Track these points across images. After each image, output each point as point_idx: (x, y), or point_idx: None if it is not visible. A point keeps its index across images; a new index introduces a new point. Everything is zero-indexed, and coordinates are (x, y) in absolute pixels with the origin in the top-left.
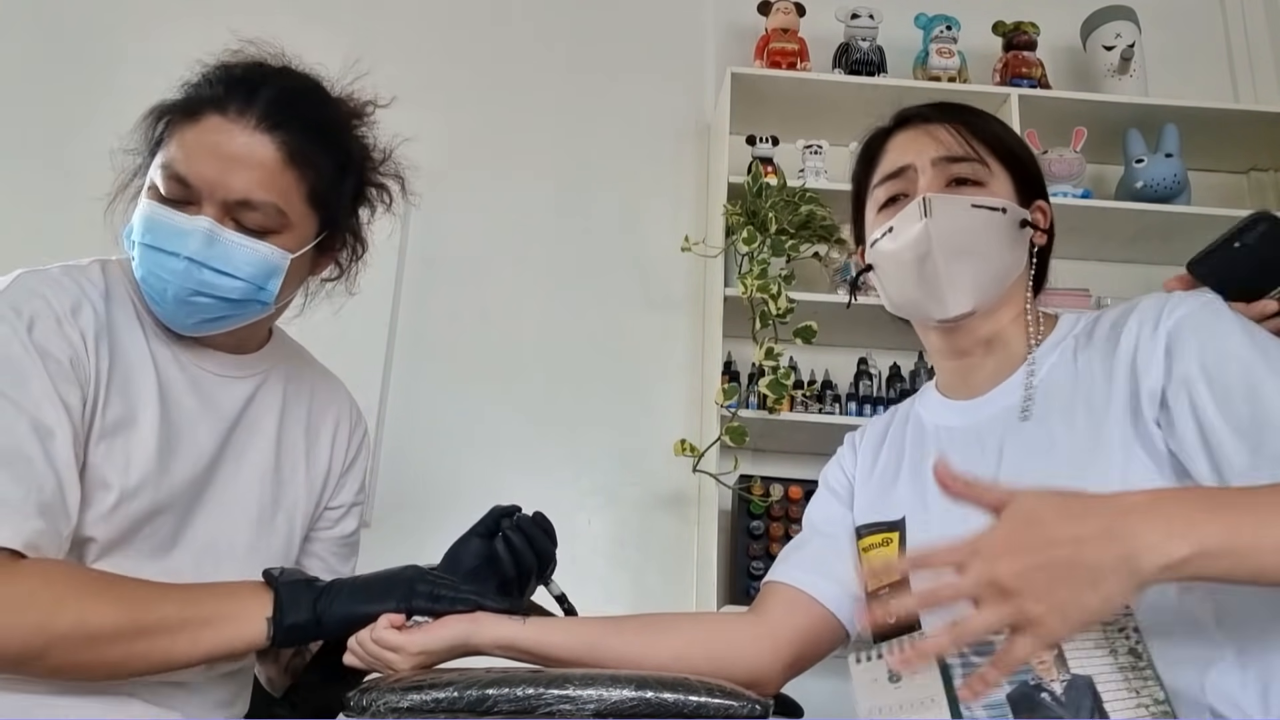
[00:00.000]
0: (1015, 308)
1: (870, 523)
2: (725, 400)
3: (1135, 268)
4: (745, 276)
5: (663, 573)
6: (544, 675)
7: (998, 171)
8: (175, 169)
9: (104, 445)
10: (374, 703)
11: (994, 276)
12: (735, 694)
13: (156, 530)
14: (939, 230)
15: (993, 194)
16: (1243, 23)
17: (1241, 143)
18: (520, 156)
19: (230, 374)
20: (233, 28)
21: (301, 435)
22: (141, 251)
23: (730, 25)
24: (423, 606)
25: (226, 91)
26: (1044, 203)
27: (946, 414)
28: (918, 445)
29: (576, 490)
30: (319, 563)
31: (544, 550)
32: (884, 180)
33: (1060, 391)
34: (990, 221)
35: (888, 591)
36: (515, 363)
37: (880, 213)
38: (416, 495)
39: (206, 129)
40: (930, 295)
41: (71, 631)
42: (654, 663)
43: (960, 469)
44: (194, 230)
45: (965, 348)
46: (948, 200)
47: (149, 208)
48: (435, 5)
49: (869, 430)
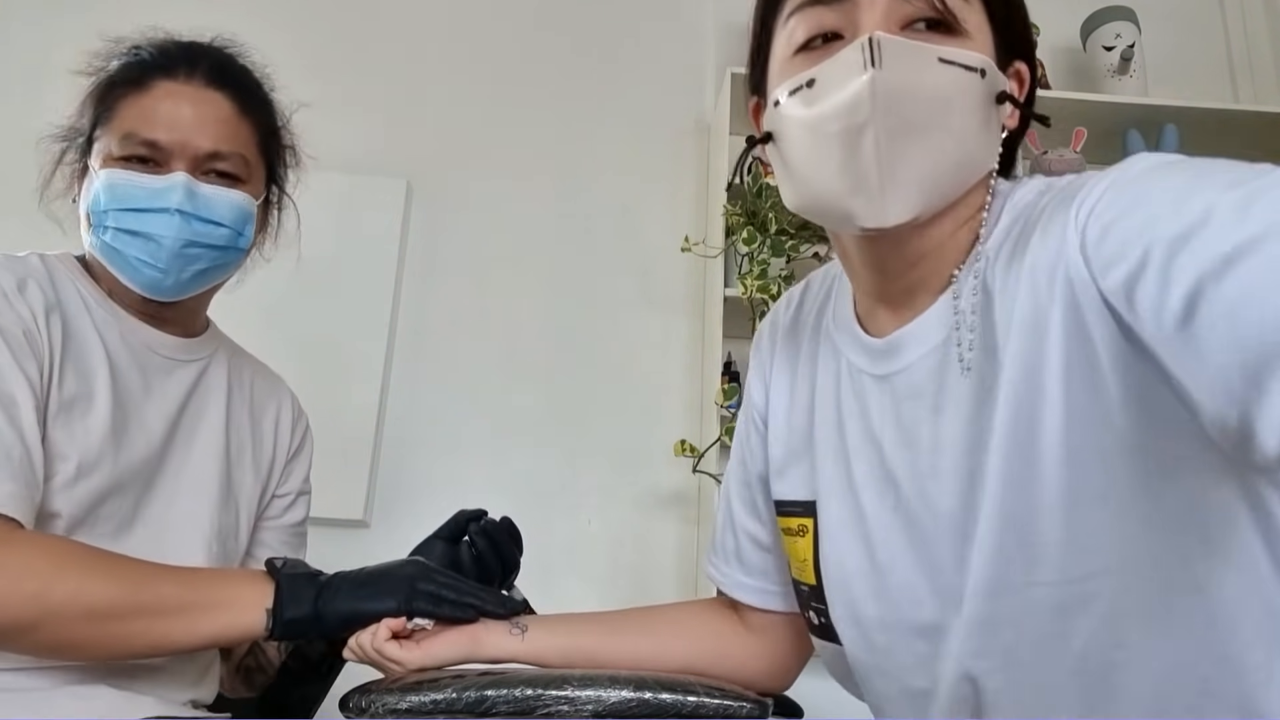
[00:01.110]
0: (969, 210)
1: (784, 499)
2: (725, 400)
3: None
4: (745, 277)
5: (663, 573)
6: (543, 676)
7: (978, 19)
8: (142, 134)
9: (62, 418)
10: (372, 704)
11: (954, 167)
12: (734, 694)
13: (116, 509)
14: (888, 90)
15: (970, 46)
16: (1243, 23)
17: (1241, 143)
18: (520, 156)
19: (177, 357)
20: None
21: (246, 419)
22: (117, 218)
23: (730, 25)
24: (424, 609)
25: (171, 59)
26: (1024, 65)
27: (863, 356)
28: (832, 386)
29: (576, 490)
30: (268, 551)
31: (509, 558)
32: (806, 4)
33: (990, 328)
34: (962, 86)
35: (807, 591)
36: (515, 363)
37: (796, 56)
38: (416, 495)
39: (161, 94)
40: (858, 189)
41: (68, 603)
42: (655, 666)
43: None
44: (174, 185)
45: (896, 265)
46: (906, 48)
47: (116, 175)
48: (435, 5)
49: (780, 329)
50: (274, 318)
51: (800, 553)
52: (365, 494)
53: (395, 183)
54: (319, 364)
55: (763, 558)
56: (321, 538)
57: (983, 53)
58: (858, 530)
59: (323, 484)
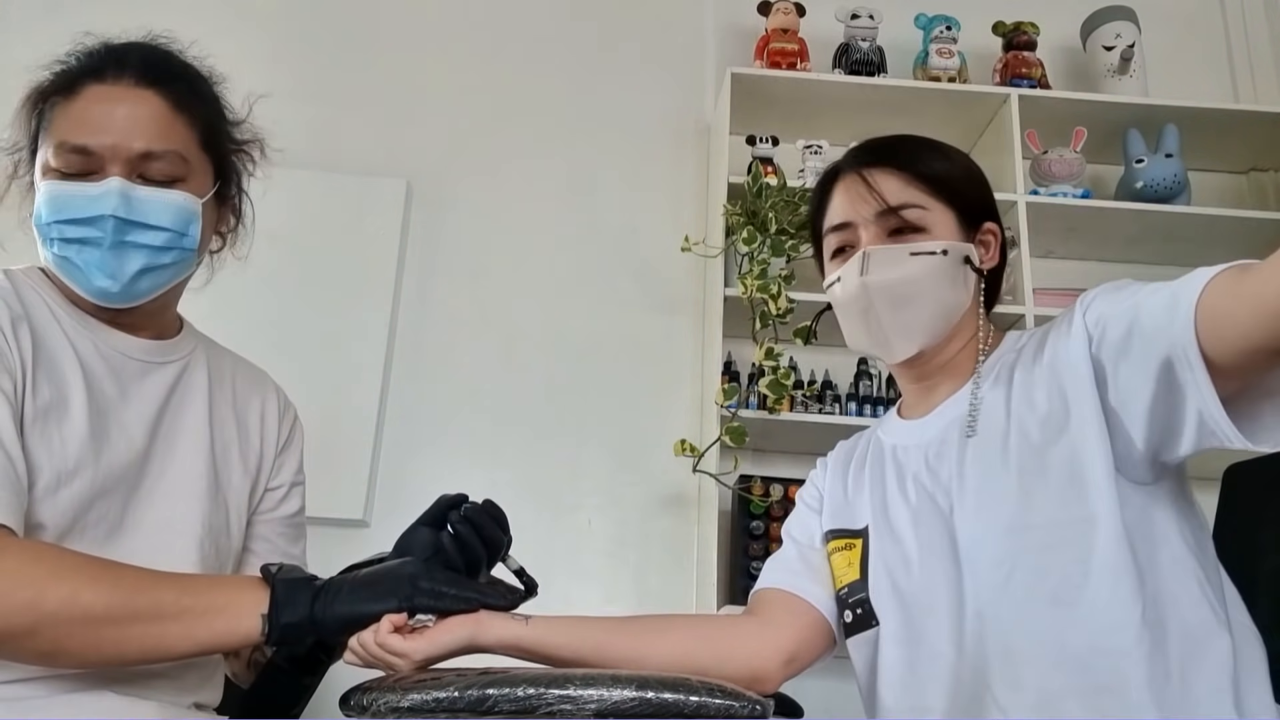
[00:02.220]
0: (968, 333)
1: (836, 529)
2: (725, 400)
3: (1135, 268)
4: (745, 277)
5: (663, 573)
6: (545, 675)
7: (938, 209)
8: (72, 141)
9: (37, 429)
10: (374, 702)
11: (938, 316)
12: (736, 694)
13: (104, 514)
14: (877, 284)
15: (933, 236)
16: (1243, 23)
17: (1241, 143)
18: (520, 156)
19: (152, 359)
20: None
21: (230, 416)
22: (60, 229)
23: (730, 25)
24: (426, 605)
25: (99, 62)
26: (993, 225)
27: (901, 433)
28: (878, 464)
29: (576, 490)
30: (266, 544)
31: (493, 538)
32: (831, 230)
33: (998, 409)
34: (930, 266)
35: (846, 591)
36: (515, 363)
37: (832, 260)
38: (416, 495)
39: (90, 98)
40: (877, 343)
41: (62, 610)
42: (656, 661)
43: (924, 481)
44: (107, 192)
45: (921, 376)
46: (885, 252)
47: (53, 187)
48: (435, 5)
49: (839, 452)
50: (274, 318)
51: (848, 560)
52: (365, 494)
53: (395, 183)
54: (319, 364)
55: (804, 565)
56: (321, 538)
57: (946, 237)
58: (897, 535)
59: (323, 484)
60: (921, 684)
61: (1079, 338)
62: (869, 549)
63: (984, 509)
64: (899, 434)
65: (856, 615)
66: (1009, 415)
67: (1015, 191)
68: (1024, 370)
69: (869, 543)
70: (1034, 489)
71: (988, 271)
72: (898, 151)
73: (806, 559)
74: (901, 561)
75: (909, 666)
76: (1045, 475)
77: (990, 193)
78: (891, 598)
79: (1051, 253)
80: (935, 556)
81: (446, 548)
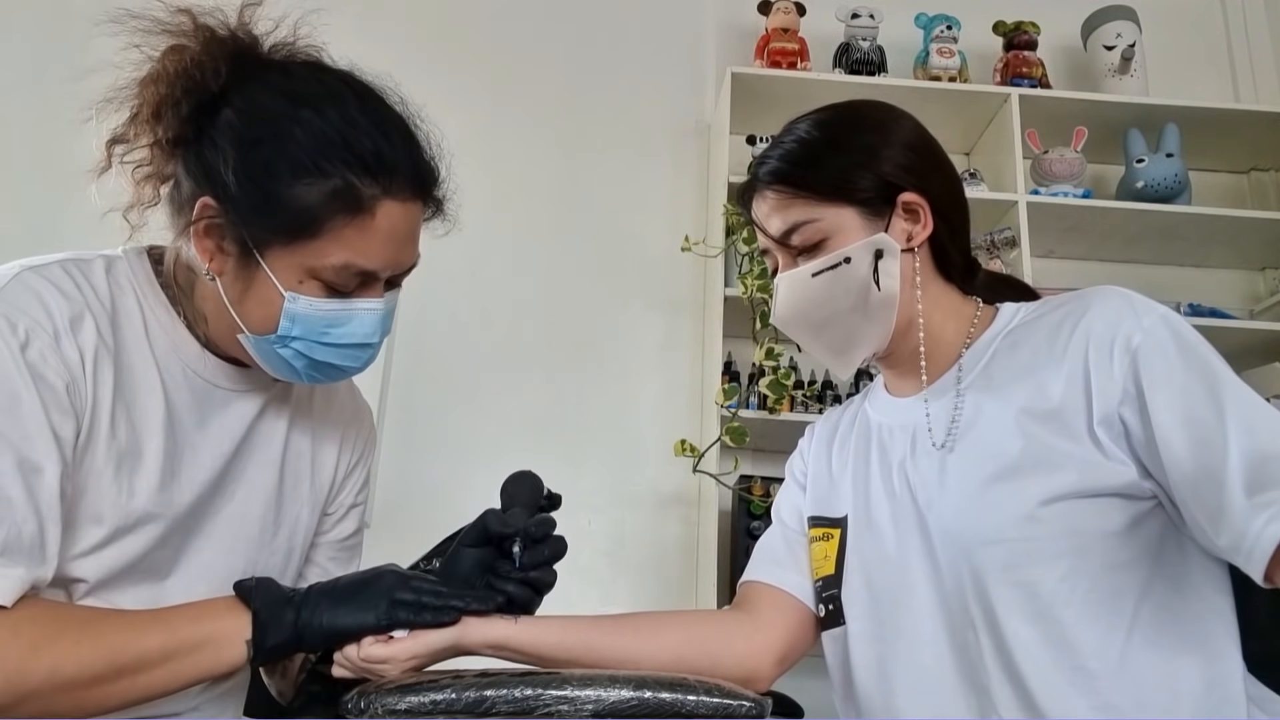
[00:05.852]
0: (936, 314)
1: (817, 515)
2: (725, 400)
3: (1135, 268)
4: (745, 276)
5: (663, 573)
6: (542, 676)
7: (831, 213)
8: (359, 265)
9: (108, 475)
10: (371, 704)
11: (864, 325)
12: (733, 694)
13: (153, 564)
14: (788, 316)
15: (834, 244)
16: (1243, 23)
17: (1242, 143)
18: (520, 156)
19: (241, 387)
20: None
21: (308, 445)
22: (311, 349)
23: (730, 25)
24: (405, 619)
25: (392, 174)
26: (911, 194)
27: (888, 411)
28: (863, 443)
29: (577, 490)
30: (318, 570)
31: (550, 582)
32: (761, 252)
33: (995, 391)
34: (835, 281)
35: (821, 584)
36: (515, 363)
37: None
38: (416, 495)
39: (383, 218)
40: (826, 360)
41: (45, 683)
42: (649, 660)
43: (907, 472)
44: (376, 319)
45: (893, 364)
46: (789, 280)
47: (318, 306)
48: (434, 4)
49: (826, 422)
50: None
51: (825, 551)
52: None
53: None
54: None
55: (789, 555)
56: None
57: (849, 239)
58: (877, 529)
59: None
60: (891, 685)
61: (1117, 383)
62: (846, 542)
63: (962, 514)
64: (885, 411)
65: (829, 611)
66: (997, 421)
67: (1016, 191)
68: (1023, 368)
69: (846, 535)
70: (1005, 500)
71: (931, 239)
72: (778, 164)
73: (792, 547)
74: (879, 559)
75: (879, 665)
76: (1027, 482)
77: (904, 156)
78: (864, 597)
79: (1052, 252)
80: (914, 554)
81: (515, 596)
